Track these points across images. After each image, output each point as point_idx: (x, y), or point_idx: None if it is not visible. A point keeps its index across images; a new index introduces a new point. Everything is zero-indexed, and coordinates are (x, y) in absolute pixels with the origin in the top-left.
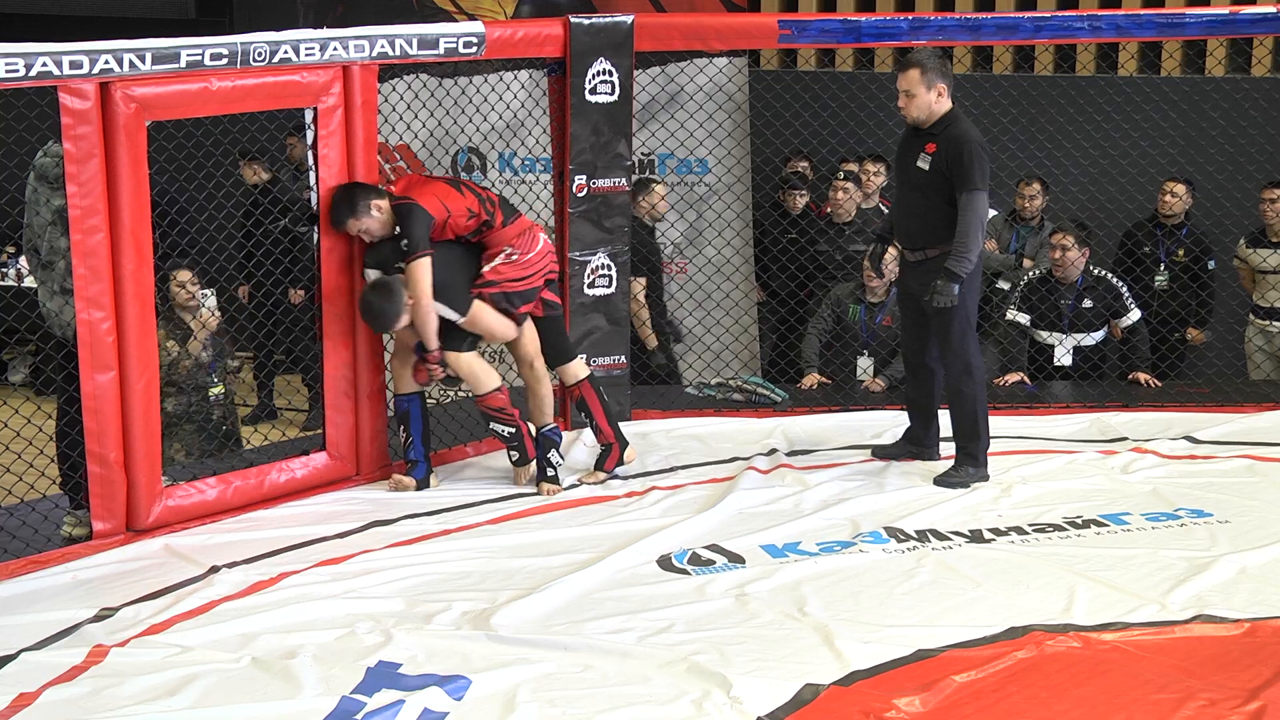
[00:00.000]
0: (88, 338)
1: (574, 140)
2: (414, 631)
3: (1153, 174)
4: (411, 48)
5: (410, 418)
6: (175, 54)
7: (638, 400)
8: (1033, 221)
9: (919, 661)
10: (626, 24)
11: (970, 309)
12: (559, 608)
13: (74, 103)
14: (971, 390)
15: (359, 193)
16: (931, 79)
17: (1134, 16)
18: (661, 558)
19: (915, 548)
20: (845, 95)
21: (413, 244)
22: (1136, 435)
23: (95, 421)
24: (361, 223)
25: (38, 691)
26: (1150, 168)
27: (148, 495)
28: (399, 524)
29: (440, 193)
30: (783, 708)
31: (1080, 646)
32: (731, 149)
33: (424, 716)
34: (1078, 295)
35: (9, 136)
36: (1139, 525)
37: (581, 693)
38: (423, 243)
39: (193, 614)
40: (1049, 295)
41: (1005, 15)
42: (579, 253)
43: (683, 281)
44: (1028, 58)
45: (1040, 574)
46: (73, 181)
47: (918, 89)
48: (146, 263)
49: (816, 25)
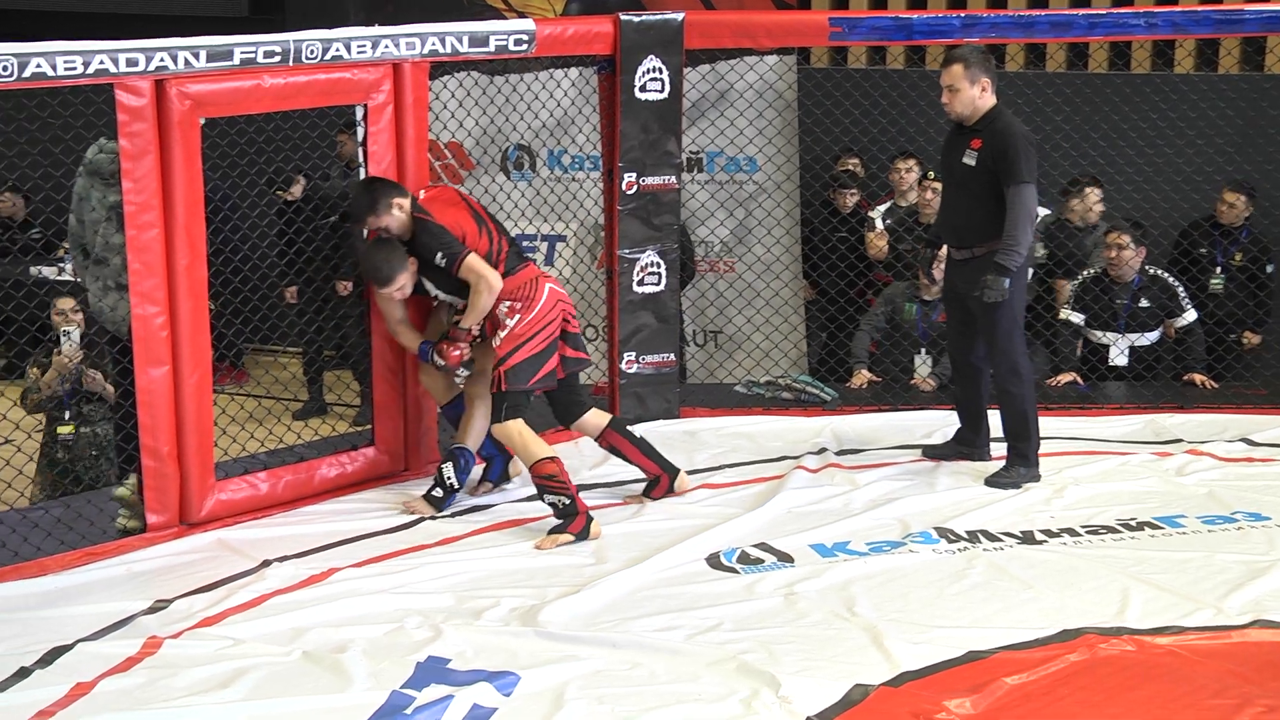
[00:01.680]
0: (142, 333)
1: (623, 138)
2: (463, 627)
3: (1209, 173)
4: (462, 45)
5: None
6: (229, 51)
7: (686, 398)
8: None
9: (969, 663)
10: (677, 21)
11: (1018, 308)
12: (608, 605)
13: (130, 100)
14: (1019, 390)
15: (381, 190)
16: (975, 74)
17: (1191, 13)
18: (710, 556)
19: (966, 548)
20: (896, 93)
21: (449, 255)
22: (1192, 437)
23: (149, 415)
24: (380, 220)
25: (94, 681)
26: (1206, 166)
27: (200, 489)
28: (448, 520)
29: (462, 220)
30: (832, 708)
31: (1134, 650)
32: (781, 147)
33: (473, 712)
34: (1134, 295)
35: (66, 133)
36: (1194, 528)
37: (630, 690)
38: (455, 245)
39: (245, 607)
40: (1103, 295)
41: (1059, 12)
42: (628, 250)
43: (731, 280)
44: (1081, 55)
45: (1093, 576)
46: (128, 178)
47: (961, 84)
48: (200, 258)
49: (867, 22)
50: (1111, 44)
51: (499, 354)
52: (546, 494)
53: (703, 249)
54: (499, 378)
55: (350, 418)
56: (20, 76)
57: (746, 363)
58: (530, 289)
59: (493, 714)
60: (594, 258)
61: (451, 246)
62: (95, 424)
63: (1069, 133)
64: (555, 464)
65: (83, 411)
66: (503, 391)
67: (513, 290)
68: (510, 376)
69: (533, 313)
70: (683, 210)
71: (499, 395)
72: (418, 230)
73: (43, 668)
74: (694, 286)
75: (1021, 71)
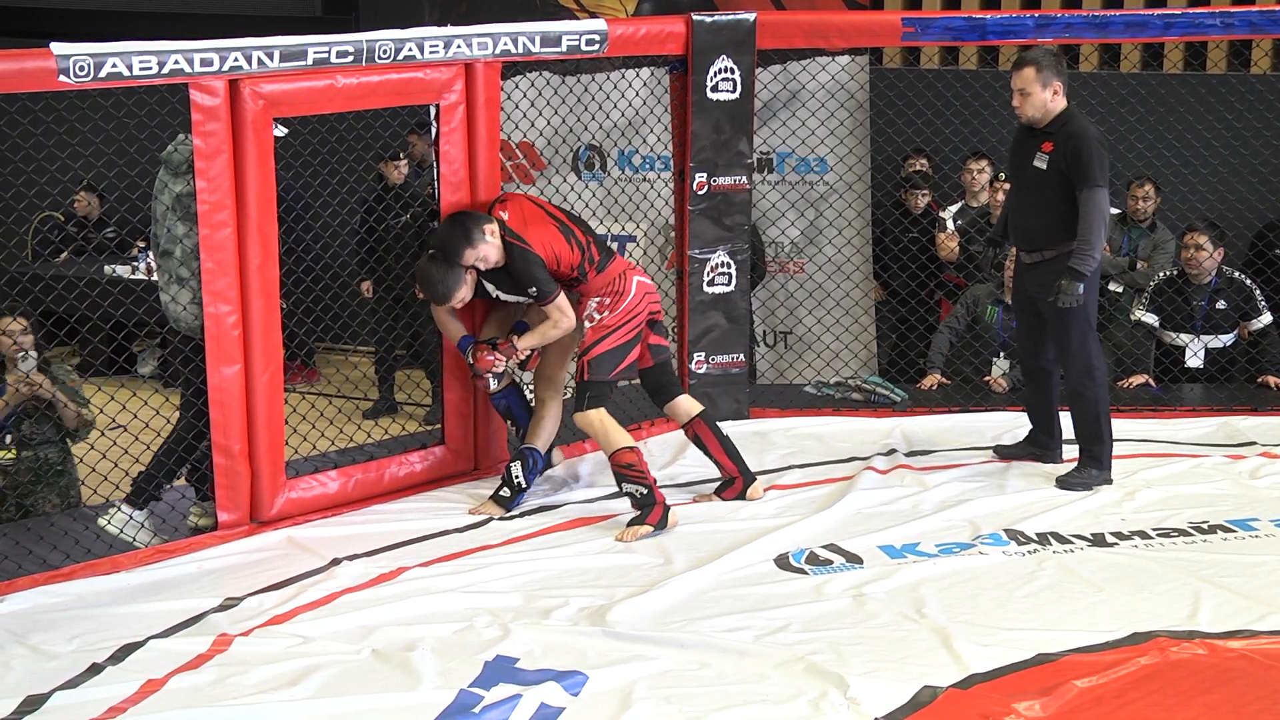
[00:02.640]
0: (214, 331)
1: (695, 138)
2: (531, 626)
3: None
4: (535, 45)
5: (513, 411)
6: (302, 51)
7: (756, 399)
8: (1144, 223)
9: (1039, 665)
10: (749, 21)
11: (1090, 310)
12: (675, 605)
13: (204, 99)
14: (1093, 392)
15: (471, 222)
16: (1047, 77)
17: (1269, 13)
18: (779, 557)
19: (1036, 550)
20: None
21: (541, 291)
22: (1266, 440)
23: (221, 414)
24: (479, 251)
25: (165, 678)
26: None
27: (271, 487)
28: (516, 520)
29: (551, 239)
30: (900, 709)
31: (1205, 654)
32: (853, 147)
33: (541, 711)
34: (1211, 296)
35: (141, 133)
36: (1268, 532)
37: (698, 690)
38: (549, 283)
39: (314, 605)
40: (1177, 296)
41: (1134, 12)
42: (699, 250)
43: (802, 280)
44: (1156, 55)
45: (1164, 579)
46: (202, 176)
47: (1033, 87)
48: (272, 257)
49: (940, 23)
50: (1187, 44)
51: (585, 343)
52: (625, 483)
53: (773, 249)
54: (583, 366)
55: (420, 417)
56: (96, 76)
57: (816, 363)
58: (619, 283)
59: (560, 713)
60: (664, 258)
61: (546, 284)
62: (37, 447)
63: (1143, 133)
64: (635, 454)
65: (23, 434)
66: (586, 380)
67: (602, 286)
68: (594, 366)
69: (621, 306)
70: (753, 211)
71: (582, 384)
72: (516, 257)
73: (114, 664)
74: (764, 287)
75: (1096, 72)
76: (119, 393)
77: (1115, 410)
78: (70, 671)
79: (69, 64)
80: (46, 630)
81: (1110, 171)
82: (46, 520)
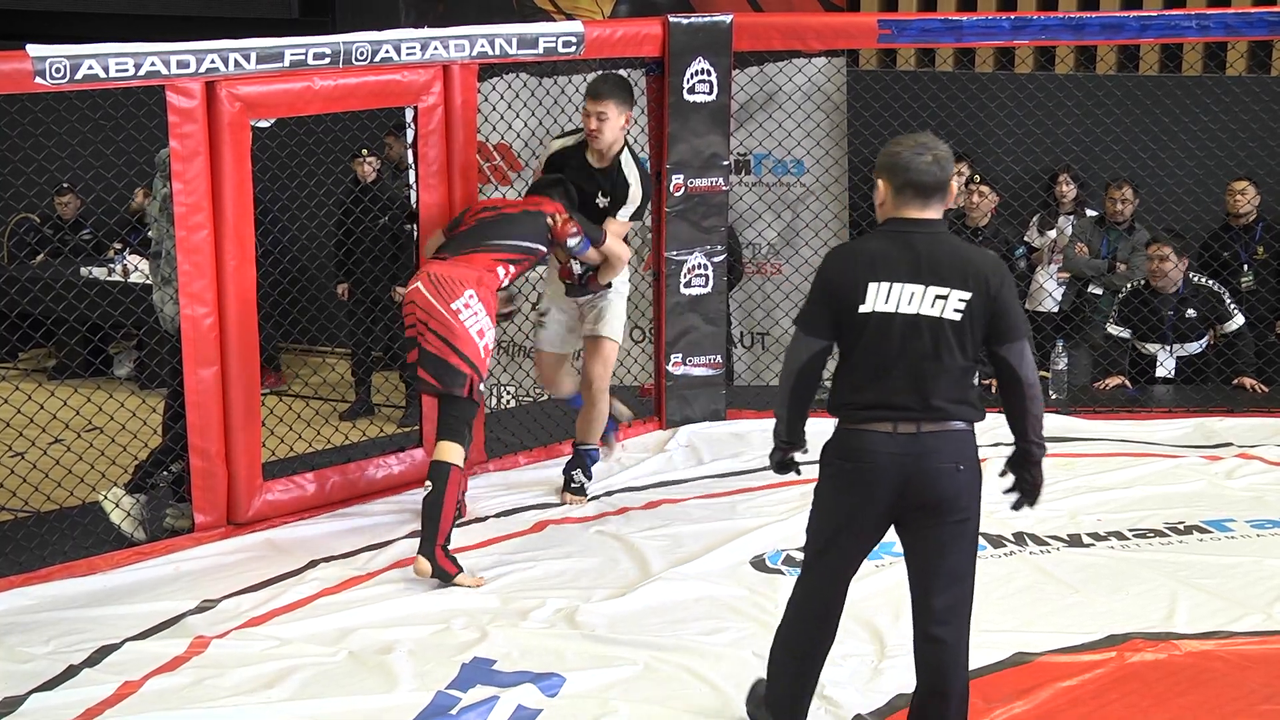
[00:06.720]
0: (191, 333)
1: (672, 140)
2: (509, 628)
3: (1261, 175)
4: (511, 47)
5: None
6: (279, 53)
7: (733, 400)
8: (1122, 225)
9: (1016, 667)
10: (725, 23)
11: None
12: (653, 607)
13: (180, 101)
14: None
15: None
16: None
17: (1244, 15)
18: (755, 558)
19: (1013, 552)
20: (945, 95)
21: (594, 238)
22: (1241, 441)
23: (197, 415)
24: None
25: (142, 680)
26: (1259, 169)
27: (248, 489)
28: (493, 521)
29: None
30: (878, 711)
31: (1182, 655)
32: (829, 149)
33: (518, 713)
34: (1178, 305)
35: (118, 135)
36: (1243, 532)
37: (674, 692)
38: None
39: (291, 607)
40: (1144, 306)
41: (1110, 14)
42: (675, 252)
43: (779, 282)
44: (1133, 57)
45: (1141, 580)
46: (178, 179)
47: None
48: (249, 260)
49: (917, 25)
50: (1163, 46)
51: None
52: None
53: (750, 251)
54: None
55: (397, 419)
56: (72, 78)
57: None
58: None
59: (538, 715)
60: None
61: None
62: None
63: (1119, 135)
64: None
65: None
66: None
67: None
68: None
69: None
70: (730, 212)
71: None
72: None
73: (91, 666)
74: (741, 289)
75: (1072, 74)
76: (95, 395)
77: (1092, 412)
78: (47, 674)
79: (45, 66)
80: (23, 632)
81: (1086, 174)
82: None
